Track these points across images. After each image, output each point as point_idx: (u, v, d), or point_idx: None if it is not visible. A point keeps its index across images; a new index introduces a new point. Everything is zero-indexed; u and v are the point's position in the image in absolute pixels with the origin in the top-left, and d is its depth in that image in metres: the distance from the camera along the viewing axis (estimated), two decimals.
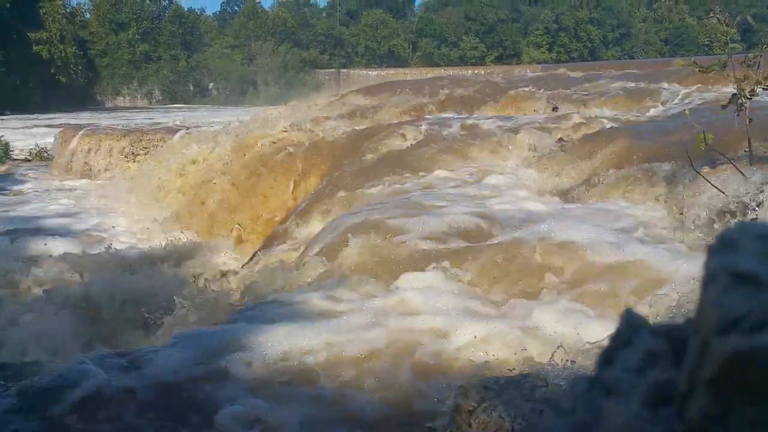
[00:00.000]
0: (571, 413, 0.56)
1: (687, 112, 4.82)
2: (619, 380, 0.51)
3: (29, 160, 18.32)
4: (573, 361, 2.18)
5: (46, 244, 8.35)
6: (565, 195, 5.42)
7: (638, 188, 4.85)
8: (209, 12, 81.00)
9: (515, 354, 2.74)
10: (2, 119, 32.90)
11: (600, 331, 2.61)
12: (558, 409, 0.60)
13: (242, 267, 6.43)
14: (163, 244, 8.06)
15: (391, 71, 55.88)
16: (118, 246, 8.16)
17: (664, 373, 0.50)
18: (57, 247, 8.23)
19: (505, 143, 7.32)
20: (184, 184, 10.35)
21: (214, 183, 9.40)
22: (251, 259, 6.67)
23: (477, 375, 2.44)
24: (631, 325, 0.56)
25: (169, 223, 9.38)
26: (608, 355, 0.55)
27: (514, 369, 2.52)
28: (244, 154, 9.46)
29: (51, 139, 18.67)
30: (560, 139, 9.73)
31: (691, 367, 0.46)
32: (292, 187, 8.66)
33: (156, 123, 20.40)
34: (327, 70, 65.21)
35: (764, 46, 4.30)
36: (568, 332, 2.81)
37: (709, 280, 0.48)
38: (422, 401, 2.48)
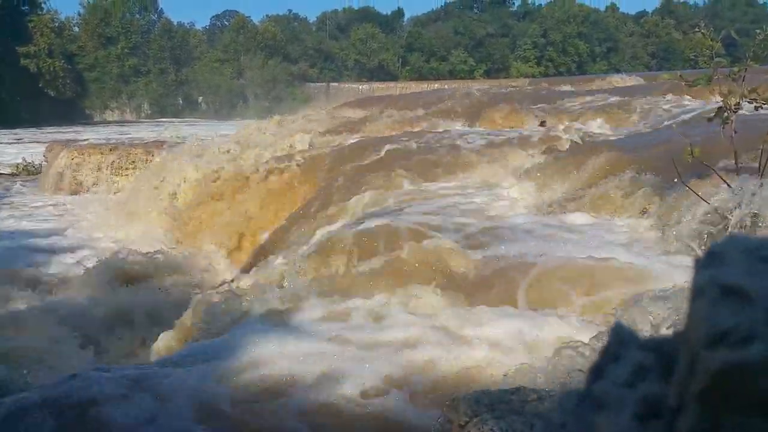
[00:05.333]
0: (562, 428, 0.56)
1: (675, 126, 4.87)
2: (609, 394, 0.51)
3: (16, 175, 18.21)
4: (563, 374, 2.18)
5: (36, 259, 8.29)
6: (552, 208, 5.44)
7: (625, 200, 4.88)
8: (198, 26, 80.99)
9: (506, 367, 2.73)
10: None
11: (590, 343, 2.61)
12: (549, 423, 0.59)
13: (233, 279, 6.40)
14: (158, 257, 8.02)
15: (381, 85, 56.10)
16: (110, 259, 8.10)
17: (654, 387, 0.50)
18: (48, 262, 8.17)
19: (491, 157, 7.35)
20: (181, 198, 10.29)
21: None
22: (245, 269, 6.66)
23: (467, 388, 2.43)
24: (620, 339, 0.56)
25: (163, 236, 9.35)
26: (598, 369, 0.55)
27: (505, 382, 2.52)
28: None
29: (39, 154, 18.57)
30: (542, 123, 9.82)
31: (680, 381, 0.46)
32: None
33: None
34: (316, 84, 65.37)
35: (749, 60, 4.35)
36: (558, 344, 2.81)
37: (697, 293, 0.48)
38: (412, 415, 2.47)
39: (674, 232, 4.06)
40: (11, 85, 51.00)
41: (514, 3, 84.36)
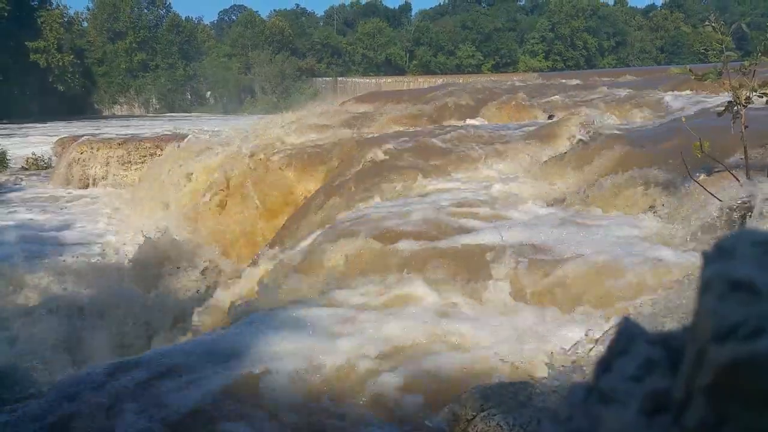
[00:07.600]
0: (568, 421, 0.56)
1: (684, 119, 4.84)
2: (616, 388, 0.51)
3: (26, 169, 18.32)
4: (570, 369, 2.17)
5: (46, 254, 8.34)
6: (561, 204, 5.42)
7: (634, 196, 4.86)
8: (207, 21, 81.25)
9: (513, 362, 2.73)
10: None
11: (597, 338, 2.60)
12: (555, 418, 0.59)
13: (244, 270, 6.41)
14: (164, 250, 8.03)
15: (389, 79, 56.04)
16: (120, 253, 8.15)
17: (661, 382, 0.50)
18: (57, 255, 8.21)
19: (498, 152, 7.32)
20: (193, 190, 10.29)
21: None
22: (253, 262, 6.68)
23: (474, 383, 2.43)
24: (628, 333, 0.56)
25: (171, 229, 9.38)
26: (605, 363, 0.55)
27: (512, 377, 2.51)
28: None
29: (48, 148, 18.69)
30: (550, 116, 9.81)
31: (687, 375, 0.46)
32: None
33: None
34: (324, 79, 65.37)
35: (760, 54, 4.31)
36: (566, 340, 2.81)
37: (705, 287, 0.48)
38: (419, 410, 2.47)
39: (683, 228, 4.04)
40: (21, 80, 51.31)
41: None
